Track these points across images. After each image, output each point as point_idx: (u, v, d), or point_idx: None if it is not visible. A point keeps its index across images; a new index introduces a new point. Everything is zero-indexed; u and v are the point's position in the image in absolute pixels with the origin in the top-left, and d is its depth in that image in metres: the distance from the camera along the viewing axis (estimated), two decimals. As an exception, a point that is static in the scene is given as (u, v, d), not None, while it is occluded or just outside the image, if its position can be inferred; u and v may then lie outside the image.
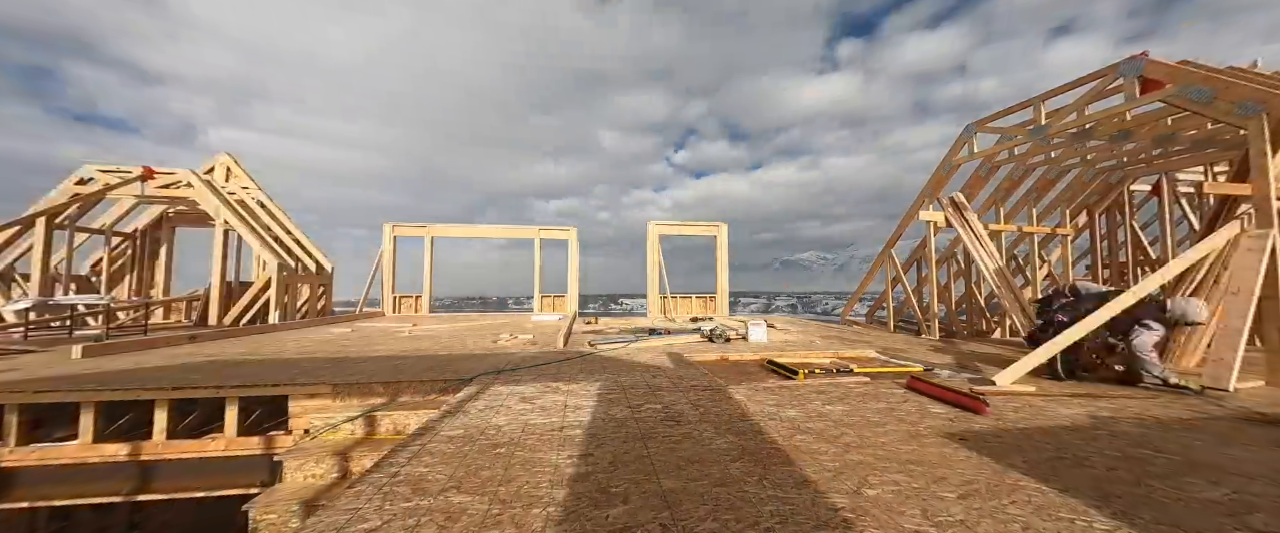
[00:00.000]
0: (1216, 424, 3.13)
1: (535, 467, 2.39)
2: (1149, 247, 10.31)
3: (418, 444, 2.69)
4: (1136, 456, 2.54)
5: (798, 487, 2.14)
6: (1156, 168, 8.94)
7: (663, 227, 15.06)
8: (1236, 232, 4.71)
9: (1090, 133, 7.09)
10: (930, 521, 1.84)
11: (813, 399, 3.71)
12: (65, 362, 5.27)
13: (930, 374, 4.69)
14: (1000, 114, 8.00)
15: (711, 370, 4.98)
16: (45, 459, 3.91)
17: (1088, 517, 1.88)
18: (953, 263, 11.10)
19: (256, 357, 5.67)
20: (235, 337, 7.81)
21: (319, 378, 4.38)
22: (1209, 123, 6.25)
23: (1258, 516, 1.91)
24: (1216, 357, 4.26)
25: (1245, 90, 4.85)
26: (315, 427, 3.74)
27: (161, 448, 3.98)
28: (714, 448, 2.64)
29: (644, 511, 1.94)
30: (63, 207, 10.31)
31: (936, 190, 9.18)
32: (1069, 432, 2.94)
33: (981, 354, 5.99)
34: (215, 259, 10.75)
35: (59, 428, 4.09)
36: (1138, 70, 5.94)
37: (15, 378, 4.36)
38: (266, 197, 12.82)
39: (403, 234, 14.48)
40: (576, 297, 15.04)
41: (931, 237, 8.80)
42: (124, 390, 4.04)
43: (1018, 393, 3.97)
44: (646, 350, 6.15)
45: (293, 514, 2.98)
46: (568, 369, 4.99)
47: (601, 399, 3.72)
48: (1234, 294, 4.45)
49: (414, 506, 1.99)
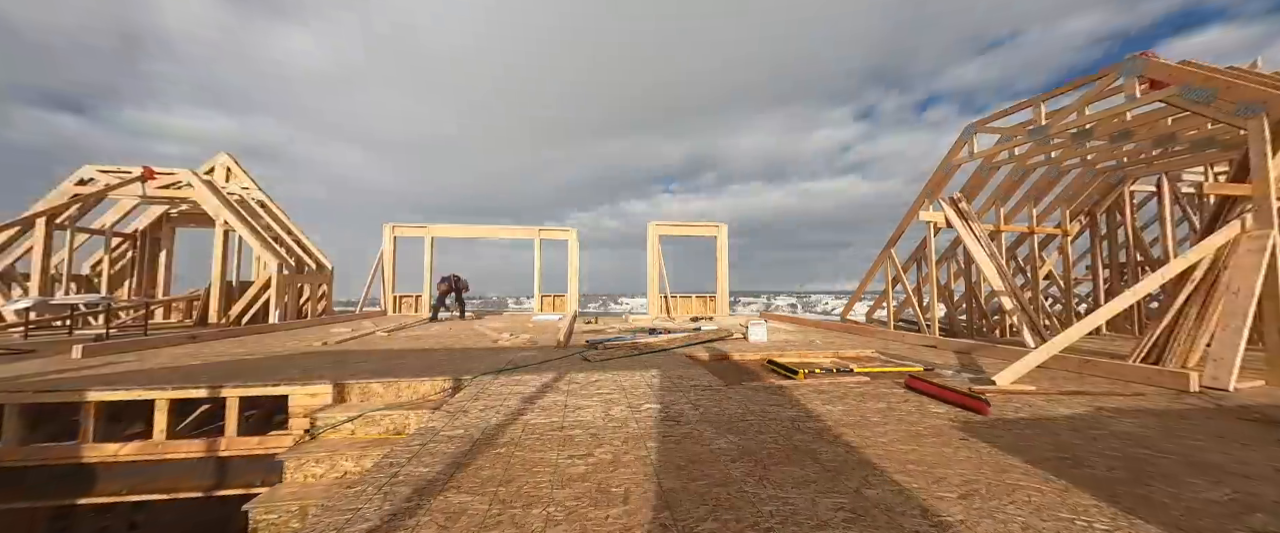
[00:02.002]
0: (1217, 424, 3.13)
1: (535, 467, 2.39)
2: (1149, 247, 10.31)
3: (418, 444, 2.70)
4: (1136, 455, 2.54)
5: (798, 487, 2.14)
6: (1156, 168, 8.93)
7: (663, 227, 15.06)
8: (1236, 232, 4.71)
9: (1090, 133, 7.09)
10: (930, 521, 1.84)
11: (813, 399, 3.70)
12: (65, 362, 5.27)
13: (930, 374, 4.69)
14: (1000, 114, 8.00)
15: (711, 370, 4.97)
16: (45, 459, 3.91)
17: (1088, 517, 1.88)
18: (952, 263, 11.10)
19: (256, 356, 5.67)
20: (235, 337, 7.81)
21: (319, 378, 4.38)
22: (1209, 123, 6.25)
23: (1258, 515, 1.91)
24: (1217, 356, 4.26)
25: (1245, 90, 4.85)
26: (315, 427, 3.74)
27: (161, 448, 3.98)
28: (714, 448, 2.64)
29: (644, 511, 1.94)
30: (63, 207, 10.31)
31: (936, 190, 9.18)
32: (1069, 432, 2.94)
33: (981, 354, 5.99)
34: (215, 259, 10.75)
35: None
36: (1138, 70, 5.94)
37: (15, 378, 4.36)
38: (267, 196, 12.83)
39: (403, 234, 14.48)
40: (577, 297, 15.05)
41: (931, 237, 8.79)
42: (124, 391, 4.04)
43: (1018, 393, 3.97)
44: (646, 350, 6.15)
45: (293, 515, 2.98)
46: (568, 369, 4.99)
47: (601, 399, 3.72)
48: (1234, 294, 4.45)
49: (414, 506, 1.99)
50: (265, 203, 12.60)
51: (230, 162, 12.73)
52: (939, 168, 9.16)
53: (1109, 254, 10.28)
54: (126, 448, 3.97)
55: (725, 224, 15.24)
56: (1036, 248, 9.96)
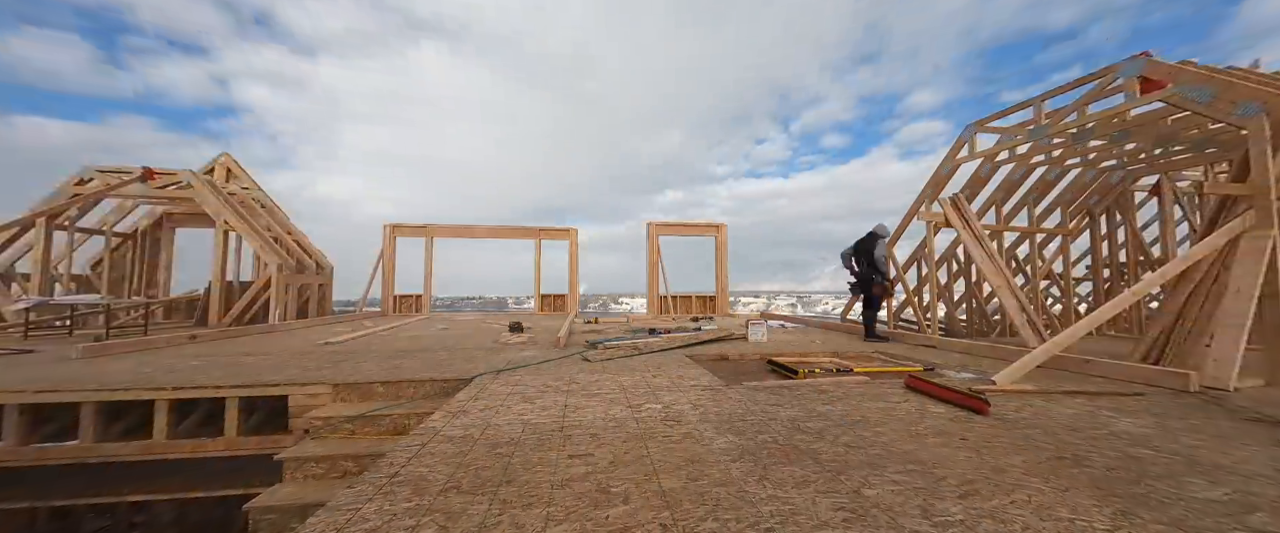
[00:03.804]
0: (1217, 424, 3.13)
1: (535, 467, 2.39)
2: (1149, 247, 10.31)
3: (418, 444, 2.70)
4: (1136, 455, 2.54)
5: (798, 487, 2.14)
6: (1156, 168, 8.94)
7: (663, 226, 15.07)
8: (1237, 231, 4.71)
9: (1090, 133, 7.09)
10: (930, 520, 1.84)
11: (813, 399, 3.70)
12: (65, 362, 5.28)
13: (930, 374, 4.69)
14: (1000, 114, 8.00)
15: (711, 370, 4.97)
16: (45, 460, 3.91)
17: (1088, 517, 1.88)
18: (952, 263, 11.09)
19: (256, 356, 5.67)
20: (235, 337, 7.82)
21: (319, 378, 4.38)
22: (1209, 123, 6.25)
23: (1258, 515, 1.91)
24: (1217, 356, 4.26)
25: (1245, 90, 4.85)
26: (315, 427, 3.74)
27: (161, 448, 3.98)
28: (714, 448, 2.64)
29: (644, 511, 1.94)
30: (63, 207, 10.30)
31: (937, 190, 9.18)
32: (1069, 431, 2.94)
33: (981, 354, 5.99)
34: (215, 259, 10.75)
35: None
36: (1138, 70, 5.94)
37: (14, 378, 4.36)
38: (267, 196, 12.83)
39: (403, 235, 14.48)
40: (577, 297, 15.05)
41: (931, 236, 8.79)
42: (124, 391, 4.04)
43: (1018, 393, 3.96)
44: (646, 350, 6.15)
45: (293, 514, 2.98)
46: (568, 369, 4.99)
47: (601, 399, 3.72)
48: (1234, 294, 4.45)
49: (414, 506, 1.99)
50: (265, 202, 12.61)
51: (231, 162, 12.75)
52: (939, 168, 9.16)
53: (1109, 254, 10.28)
54: (127, 448, 3.98)
55: (725, 224, 15.25)
56: (1036, 248, 9.96)
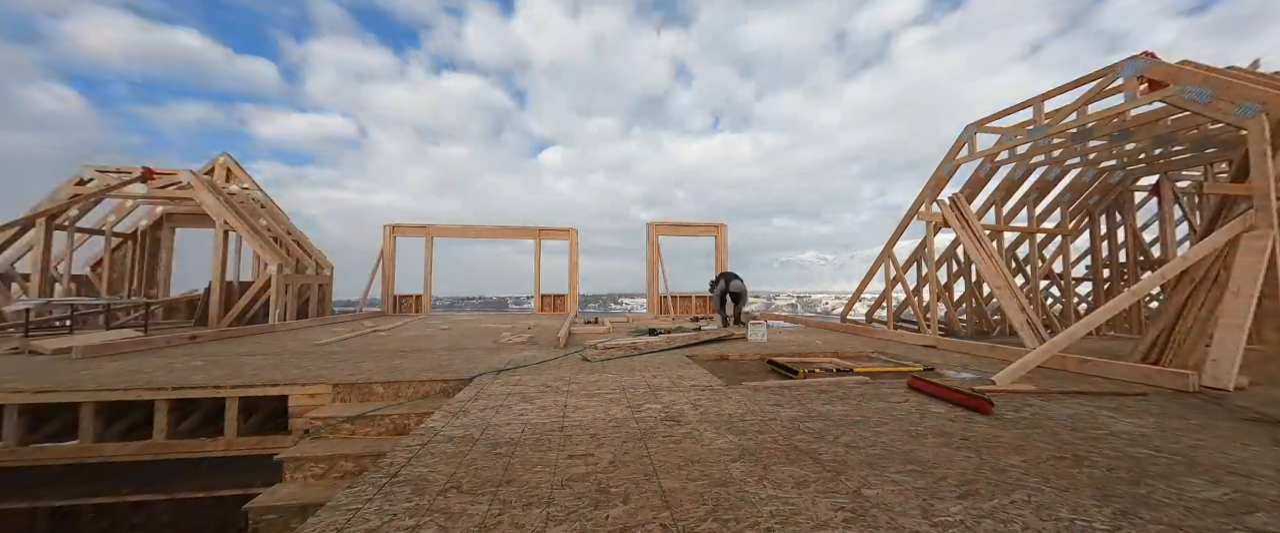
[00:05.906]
0: (1216, 424, 3.13)
1: (535, 467, 2.39)
2: (1149, 247, 10.31)
3: (418, 444, 2.70)
4: (1136, 455, 2.54)
5: (798, 487, 2.14)
6: (1156, 168, 8.94)
7: (663, 226, 15.06)
8: (1237, 232, 4.71)
9: (1090, 133, 7.09)
10: (930, 520, 1.84)
11: (813, 399, 3.70)
12: (65, 362, 5.27)
13: (930, 374, 4.69)
14: (1000, 114, 7.99)
15: (711, 370, 4.97)
16: (45, 460, 3.91)
17: (1088, 517, 1.88)
18: (952, 263, 11.10)
19: (256, 356, 5.67)
20: (235, 337, 7.81)
21: (319, 378, 4.38)
22: (1209, 123, 6.25)
23: (1257, 515, 1.91)
24: (1217, 356, 4.26)
25: (1245, 90, 4.85)
26: (315, 427, 3.74)
27: (161, 448, 3.98)
28: (714, 448, 2.64)
29: (644, 511, 1.94)
30: (63, 206, 10.30)
31: (937, 190, 9.18)
32: (1069, 431, 2.94)
33: (981, 354, 5.99)
34: (215, 259, 10.75)
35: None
36: (1138, 70, 5.94)
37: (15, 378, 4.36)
38: (266, 196, 12.83)
39: (403, 234, 14.48)
40: (577, 297, 15.05)
41: (931, 237, 8.80)
42: (124, 391, 4.04)
43: (1018, 393, 3.96)
44: (646, 350, 6.15)
45: (293, 514, 2.98)
46: (568, 370, 4.99)
47: (601, 399, 3.72)
48: (1234, 294, 4.45)
49: (414, 506, 1.99)
50: (265, 203, 12.61)
51: (230, 162, 12.75)
52: (939, 167, 9.16)
53: (1109, 254, 10.28)
54: (127, 448, 3.98)
55: (725, 223, 15.24)
56: (1036, 248, 9.96)
